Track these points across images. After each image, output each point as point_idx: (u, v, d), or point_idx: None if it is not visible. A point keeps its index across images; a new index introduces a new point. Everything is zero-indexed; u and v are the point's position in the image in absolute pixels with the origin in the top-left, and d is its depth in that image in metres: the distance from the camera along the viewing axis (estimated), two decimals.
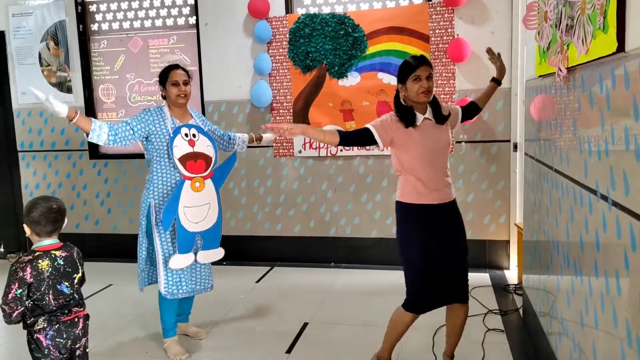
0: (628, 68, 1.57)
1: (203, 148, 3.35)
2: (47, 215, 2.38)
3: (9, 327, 3.92)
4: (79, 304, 2.46)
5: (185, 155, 3.27)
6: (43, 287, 2.32)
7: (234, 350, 3.49)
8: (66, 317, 2.38)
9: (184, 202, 3.26)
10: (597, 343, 1.95)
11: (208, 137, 3.41)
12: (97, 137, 3.12)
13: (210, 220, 3.39)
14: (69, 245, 2.48)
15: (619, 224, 1.67)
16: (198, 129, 3.38)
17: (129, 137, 3.23)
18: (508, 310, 3.87)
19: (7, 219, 5.94)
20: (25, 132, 5.74)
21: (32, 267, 2.30)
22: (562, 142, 2.47)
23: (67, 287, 2.39)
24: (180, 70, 3.40)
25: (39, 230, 2.39)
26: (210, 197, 3.38)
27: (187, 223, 3.28)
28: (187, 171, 3.28)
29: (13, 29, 5.60)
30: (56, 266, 2.36)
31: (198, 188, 3.31)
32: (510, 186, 4.71)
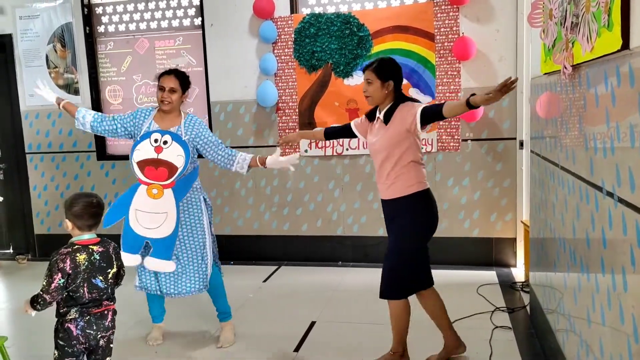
0: (633, 65, 1.58)
1: (171, 157, 3.26)
2: (88, 209, 2.50)
3: (19, 328, 3.96)
4: (110, 298, 2.55)
5: (145, 160, 3.27)
6: (79, 280, 2.42)
7: (242, 349, 3.51)
8: (97, 309, 2.48)
9: (137, 205, 3.29)
10: (604, 339, 1.95)
11: (183, 147, 3.28)
12: (82, 125, 3.42)
13: (164, 230, 3.28)
14: (106, 241, 2.57)
15: (625, 221, 1.68)
16: (174, 136, 3.29)
17: (111, 129, 3.43)
18: (515, 308, 3.88)
19: (16, 221, 5.99)
20: (33, 133, 5.78)
21: (71, 259, 2.42)
22: (567, 139, 2.48)
23: (101, 281, 2.49)
24: (172, 76, 3.36)
25: (80, 224, 2.51)
26: (168, 207, 3.28)
27: (136, 226, 3.29)
28: (144, 176, 3.29)
29: (20, 31, 5.64)
30: (92, 260, 2.46)
31: (155, 195, 3.27)
32: (517, 184, 4.71)
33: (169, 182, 3.27)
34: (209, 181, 5.32)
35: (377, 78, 2.93)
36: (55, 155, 5.75)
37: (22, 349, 3.62)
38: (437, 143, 4.80)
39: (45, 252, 5.89)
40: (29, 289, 4.89)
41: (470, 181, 4.81)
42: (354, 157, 5.03)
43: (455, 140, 4.76)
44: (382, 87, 2.94)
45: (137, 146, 3.29)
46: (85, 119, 3.42)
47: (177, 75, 3.38)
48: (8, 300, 4.68)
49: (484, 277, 4.56)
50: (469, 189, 4.82)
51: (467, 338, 3.43)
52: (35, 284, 5.29)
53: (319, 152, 5.05)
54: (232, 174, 5.27)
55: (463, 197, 4.85)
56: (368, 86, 2.96)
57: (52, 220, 5.85)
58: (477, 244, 4.87)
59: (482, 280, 4.45)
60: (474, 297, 4.13)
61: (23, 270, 5.54)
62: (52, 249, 6.54)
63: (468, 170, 4.79)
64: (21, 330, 3.95)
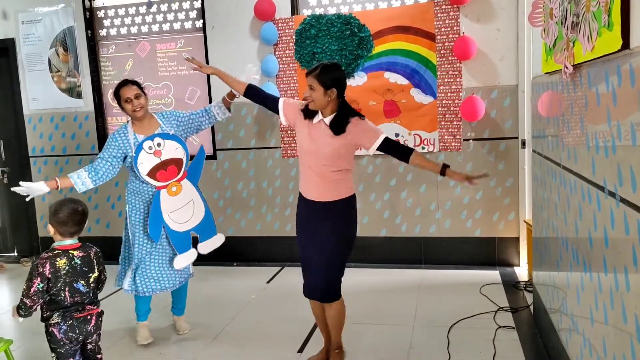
0: (633, 65, 1.58)
1: (171, 153, 3.46)
2: (73, 216, 2.53)
3: (25, 331, 3.98)
4: (93, 302, 2.60)
5: (153, 168, 3.42)
6: (59, 284, 2.46)
7: (245, 350, 3.52)
8: (79, 314, 2.53)
9: (167, 209, 3.50)
10: (607, 339, 1.96)
11: (176, 140, 3.49)
12: (83, 185, 3.38)
13: (199, 214, 3.61)
14: (87, 246, 2.62)
15: (627, 220, 1.68)
16: (162, 136, 3.45)
17: (109, 171, 3.44)
18: (519, 307, 3.88)
19: (20, 224, 6.01)
20: (37, 137, 5.80)
21: (50, 263, 2.46)
22: (569, 139, 2.48)
23: (83, 285, 2.53)
24: (130, 85, 3.47)
25: (63, 231, 2.54)
26: (191, 194, 3.58)
27: (176, 226, 3.54)
28: (159, 181, 3.45)
29: (23, 36, 5.66)
30: (73, 265, 2.50)
31: (175, 192, 3.51)
32: (519, 183, 4.71)
33: (182, 175, 3.53)
34: (211, 183, 5.33)
35: (319, 85, 2.87)
36: (58, 158, 5.77)
37: (28, 352, 3.64)
38: (438, 143, 4.80)
39: None
40: None
41: None
42: (355, 157, 5.01)
43: (457, 140, 4.76)
44: (324, 94, 2.88)
45: (138, 161, 3.41)
46: (82, 178, 3.37)
47: (132, 82, 3.50)
48: (13, 303, 4.68)
49: (487, 276, 4.56)
50: (471, 188, 4.81)
51: (471, 338, 3.44)
52: None
53: None
54: (234, 176, 5.29)
55: (465, 196, 4.85)
56: (311, 92, 2.90)
57: None
58: (480, 243, 4.87)
59: (485, 280, 4.45)
60: (477, 297, 4.13)
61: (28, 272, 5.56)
62: None
63: (470, 170, 4.78)
64: (26, 333, 3.96)
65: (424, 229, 4.96)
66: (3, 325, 4.18)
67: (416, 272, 4.73)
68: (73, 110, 5.66)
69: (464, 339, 3.43)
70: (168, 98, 5.47)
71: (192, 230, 3.61)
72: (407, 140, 4.84)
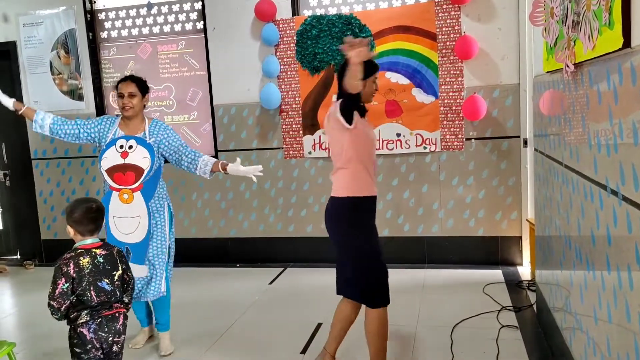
0: (634, 63, 1.58)
1: (137, 160, 3.29)
2: (87, 214, 2.52)
3: (28, 334, 3.98)
4: (119, 301, 2.56)
5: (113, 167, 3.29)
6: (84, 283, 2.44)
7: (249, 351, 3.52)
8: (107, 311, 2.50)
9: (113, 212, 3.32)
10: (611, 337, 1.95)
11: (148, 150, 3.31)
12: (40, 127, 3.37)
13: (139, 235, 3.34)
14: (109, 245, 2.63)
15: (630, 219, 1.68)
16: (139, 140, 3.32)
17: (71, 132, 3.39)
18: (522, 307, 3.87)
19: (23, 226, 6.02)
20: (38, 140, 5.81)
21: (74, 263, 2.44)
22: (571, 137, 2.48)
23: (107, 284, 2.50)
24: (129, 82, 3.38)
25: (81, 230, 2.53)
26: (140, 210, 3.32)
27: (116, 232, 3.34)
28: (115, 183, 3.31)
29: (24, 38, 5.67)
30: (96, 263, 2.48)
31: (127, 200, 3.31)
32: (522, 182, 4.71)
33: (137, 185, 3.31)
34: (213, 184, 5.34)
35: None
36: (60, 160, 5.78)
37: (31, 355, 3.64)
38: (440, 142, 4.80)
39: (53, 257, 5.91)
40: (36, 295, 4.93)
41: (475, 180, 4.80)
42: None
43: (459, 140, 4.76)
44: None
45: (104, 154, 3.31)
46: (45, 122, 3.37)
47: (133, 80, 3.41)
48: (16, 306, 4.71)
49: (490, 276, 4.55)
50: (474, 188, 4.81)
51: (474, 338, 3.44)
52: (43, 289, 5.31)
53: (323, 153, 5.06)
54: (237, 177, 5.28)
55: (468, 196, 4.84)
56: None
57: (58, 225, 5.88)
58: (483, 242, 4.86)
59: (488, 280, 4.45)
60: (480, 296, 4.13)
61: (31, 275, 5.58)
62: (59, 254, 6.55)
63: (472, 169, 4.78)
64: (29, 336, 3.97)
65: (426, 228, 4.96)
66: (6, 329, 4.19)
67: (419, 272, 4.72)
68: (75, 113, 5.66)
69: (467, 339, 3.43)
70: (169, 100, 5.47)
71: (127, 246, 3.32)
72: (409, 140, 4.84)
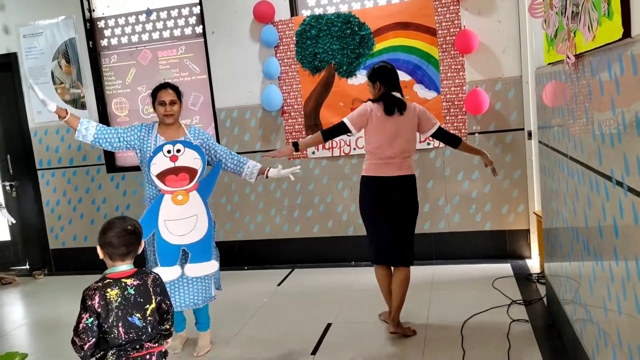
0: (635, 53, 1.57)
1: (188, 161, 3.35)
2: (120, 236, 2.21)
3: (39, 345, 3.99)
4: (153, 338, 2.24)
5: (164, 171, 3.32)
6: (111, 319, 2.13)
7: (259, 354, 3.52)
8: (137, 353, 2.19)
9: (165, 216, 3.33)
10: (621, 329, 1.94)
11: (197, 151, 3.38)
12: (83, 137, 3.38)
13: (199, 232, 3.37)
14: (144, 272, 2.28)
15: (636, 210, 1.66)
16: (185, 143, 3.38)
17: (113, 142, 3.43)
18: (532, 300, 3.85)
19: (30, 236, 6.05)
20: (43, 150, 5.83)
21: (100, 295, 2.14)
22: (575, 129, 2.46)
23: (139, 319, 2.18)
24: (169, 89, 3.45)
25: (111, 252, 2.21)
26: (197, 209, 3.38)
27: (169, 236, 3.33)
28: (167, 186, 3.34)
29: (25, 49, 5.69)
30: (126, 295, 2.17)
31: (181, 201, 3.34)
32: (527, 174, 4.69)
33: (192, 185, 3.37)
34: (219, 188, 5.33)
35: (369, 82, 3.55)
36: (65, 170, 5.80)
37: None
38: None
39: (61, 266, 5.94)
40: (47, 305, 4.96)
41: (480, 174, 4.78)
42: (361, 156, 5.01)
43: (463, 134, 4.74)
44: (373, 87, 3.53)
45: (153, 161, 3.33)
46: (88, 131, 3.39)
47: (172, 87, 3.47)
48: (27, 317, 4.73)
49: (499, 270, 4.54)
50: (479, 182, 4.80)
51: (485, 333, 3.43)
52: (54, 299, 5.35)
53: (327, 153, 5.06)
54: (242, 180, 5.27)
55: (473, 190, 4.83)
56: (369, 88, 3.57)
57: (66, 234, 5.90)
58: (490, 237, 4.85)
59: (497, 274, 4.43)
60: (489, 291, 4.11)
61: (40, 285, 5.60)
62: (67, 263, 6.60)
63: (477, 164, 4.76)
64: (42, 346, 3.99)
65: (433, 224, 4.95)
66: (18, 339, 4.21)
67: (427, 269, 4.71)
68: None
69: (478, 334, 3.42)
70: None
71: (184, 247, 3.36)
72: None
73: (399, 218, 3.46)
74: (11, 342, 4.12)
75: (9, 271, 6.03)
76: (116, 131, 3.45)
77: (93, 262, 5.75)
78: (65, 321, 4.59)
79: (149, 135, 3.45)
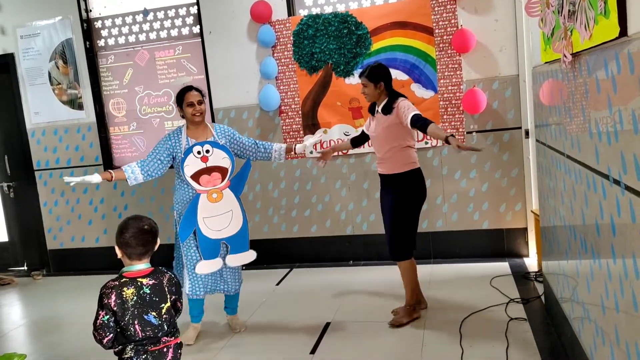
0: (632, 51, 1.57)
1: (218, 161, 3.60)
2: (137, 236, 2.27)
3: (38, 345, 3.99)
4: (169, 333, 2.32)
5: (197, 171, 3.57)
6: (127, 317, 2.21)
7: (258, 353, 3.52)
8: (154, 346, 2.27)
9: (203, 214, 3.59)
10: (619, 327, 1.95)
11: (224, 150, 3.64)
12: (135, 179, 3.58)
13: (235, 226, 3.68)
14: (160, 271, 2.33)
15: (633, 208, 1.67)
16: (213, 144, 3.62)
17: (158, 168, 3.63)
18: (530, 298, 3.86)
19: (29, 237, 6.04)
20: (41, 151, 5.83)
21: (116, 294, 2.20)
22: (571, 127, 2.47)
23: (154, 317, 2.25)
24: (194, 91, 3.69)
25: (129, 252, 2.27)
26: (231, 205, 3.66)
27: (208, 232, 3.60)
28: (201, 185, 3.59)
29: (22, 50, 5.69)
30: (142, 295, 2.23)
31: (216, 199, 3.61)
32: (525, 173, 4.70)
33: (225, 184, 3.64)
34: None
35: (369, 82, 3.58)
36: (63, 170, 5.79)
37: None
38: None
39: (60, 267, 5.94)
40: (45, 306, 4.96)
41: (478, 173, 4.79)
42: (359, 155, 5.03)
43: (460, 133, 4.75)
44: (375, 88, 3.58)
45: (185, 162, 3.56)
46: (135, 173, 3.58)
47: (196, 89, 3.71)
48: (26, 317, 4.72)
49: (497, 268, 4.55)
50: (477, 180, 4.81)
51: (483, 331, 3.44)
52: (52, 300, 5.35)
53: None
54: None
55: (471, 189, 4.83)
56: (365, 88, 3.63)
57: (64, 235, 5.90)
58: (488, 235, 4.86)
59: (495, 272, 4.44)
60: (487, 289, 4.12)
61: (39, 286, 5.59)
62: (66, 264, 6.60)
63: (475, 162, 4.77)
64: (40, 347, 3.99)
65: (431, 223, 4.95)
66: (16, 340, 4.20)
67: (425, 267, 4.71)
68: (75, 122, 5.68)
69: (476, 333, 3.43)
70: (169, 105, 5.48)
71: (224, 240, 3.65)
72: None
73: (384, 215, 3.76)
74: (10, 342, 4.12)
75: (7, 272, 6.02)
76: (154, 155, 3.63)
77: (91, 262, 5.80)
78: (64, 322, 4.61)
79: (179, 139, 3.65)
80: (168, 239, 5.50)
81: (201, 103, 3.65)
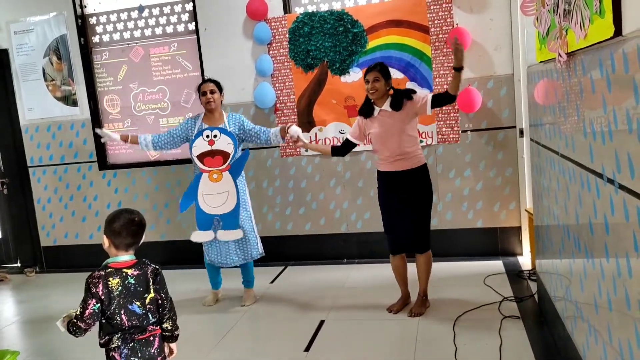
0: (626, 51, 1.58)
1: (223, 146, 4.07)
2: (128, 227, 2.32)
3: (31, 342, 3.98)
4: (155, 322, 2.36)
5: (202, 152, 4.08)
6: (113, 306, 2.25)
7: (252, 350, 3.52)
8: (140, 335, 2.31)
9: (203, 190, 4.13)
10: (612, 325, 1.96)
11: (231, 137, 4.09)
12: (146, 147, 4.23)
13: (229, 205, 4.11)
14: (144, 263, 2.36)
15: (627, 207, 1.68)
16: (222, 130, 4.09)
17: (170, 142, 4.22)
18: (523, 297, 3.88)
19: (22, 234, 6.01)
20: (34, 147, 5.80)
21: (103, 284, 2.24)
22: (566, 127, 2.48)
23: (138, 307, 2.29)
24: (209, 83, 4.20)
25: (118, 242, 2.31)
26: (228, 186, 4.11)
27: (205, 207, 4.13)
28: (205, 165, 4.10)
29: (16, 46, 5.66)
30: (126, 285, 2.27)
31: (216, 179, 4.10)
32: (519, 172, 4.71)
33: (225, 166, 4.10)
34: None
35: (382, 77, 3.65)
36: (57, 167, 5.77)
37: None
38: (436, 135, 4.80)
39: (53, 264, 5.92)
40: (38, 302, 4.93)
41: (472, 172, 4.80)
42: (354, 154, 5.03)
43: (455, 132, 4.76)
44: (385, 84, 3.66)
45: (194, 143, 4.09)
46: (147, 140, 4.22)
47: (212, 81, 4.22)
48: (19, 314, 4.70)
49: (491, 267, 4.56)
50: (471, 179, 4.81)
51: (477, 329, 3.45)
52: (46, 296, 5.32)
53: None
54: None
55: (465, 188, 4.84)
56: (376, 83, 3.63)
57: (57, 232, 5.88)
58: (482, 234, 4.87)
59: (489, 271, 4.46)
60: (481, 288, 4.14)
61: (32, 283, 5.57)
62: (59, 261, 6.58)
63: (469, 161, 4.78)
64: (33, 344, 3.97)
65: None
66: (9, 337, 4.19)
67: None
68: (69, 119, 5.66)
69: (470, 331, 3.44)
70: (164, 102, 5.46)
71: (217, 217, 4.11)
72: None
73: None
74: (2, 340, 4.10)
75: (0, 269, 6.00)
76: (170, 132, 4.24)
77: (85, 259, 5.77)
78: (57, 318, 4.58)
79: (194, 124, 4.18)
80: (162, 237, 5.55)
81: (213, 92, 4.13)
